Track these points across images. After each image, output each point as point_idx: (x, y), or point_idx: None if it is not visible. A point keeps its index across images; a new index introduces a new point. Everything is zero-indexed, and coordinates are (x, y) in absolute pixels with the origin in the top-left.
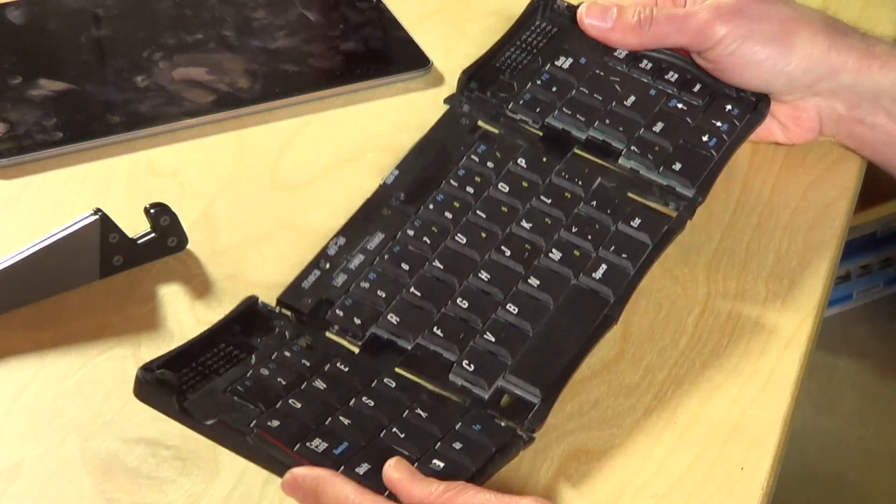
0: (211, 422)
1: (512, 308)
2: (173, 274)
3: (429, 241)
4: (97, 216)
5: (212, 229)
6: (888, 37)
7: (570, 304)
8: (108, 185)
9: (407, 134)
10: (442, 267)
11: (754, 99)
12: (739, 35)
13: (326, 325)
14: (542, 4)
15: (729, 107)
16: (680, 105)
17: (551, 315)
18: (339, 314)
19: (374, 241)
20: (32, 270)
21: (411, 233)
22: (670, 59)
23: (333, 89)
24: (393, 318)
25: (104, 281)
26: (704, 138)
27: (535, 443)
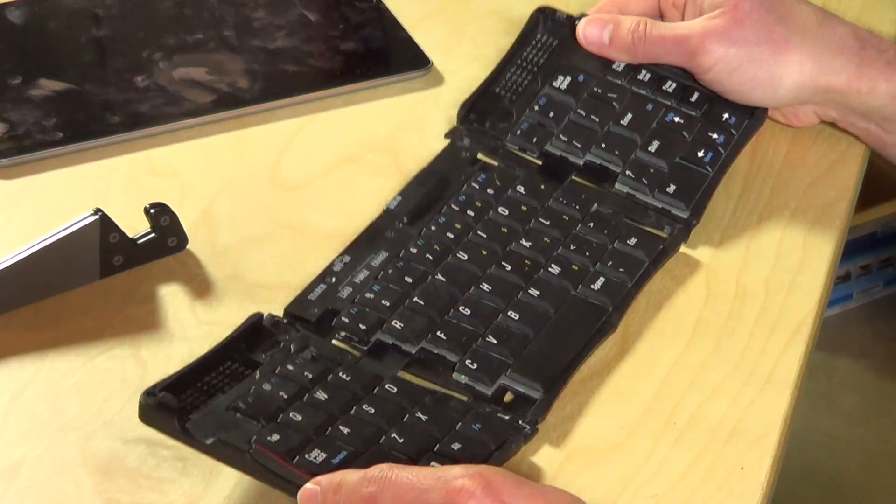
0: (210, 440)
1: (513, 315)
2: (173, 274)
3: (431, 258)
4: (97, 216)
5: (212, 229)
6: (888, 37)
7: (570, 312)
8: (108, 185)
9: (407, 134)
10: (445, 280)
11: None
12: (728, 66)
13: (332, 333)
14: (543, 17)
15: (726, 115)
16: (677, 118)
17: (552, 321)
18: (344, 321)
19: (379, 259)
20: (32, 270)
21: (414, 251)
22: (668, 70)
23: (333, 89)
24: (397, 324)
25: (104, 281)
26: (700, 153)
27: (535, 443)
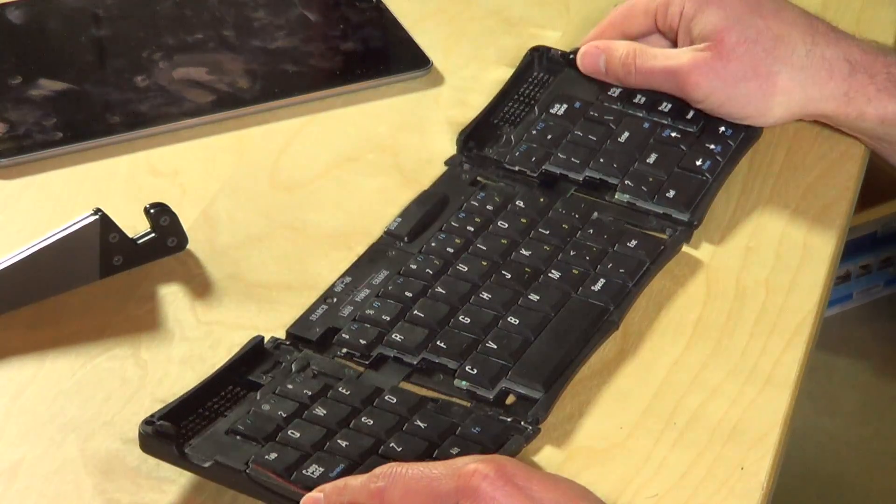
0: (208, 463)
1: (513, 320)
2: (173, 274)
3: (431, 272)
4: (97, 216)
5: (212, 229)
6: (888, 36)
7: (570, 313)
8: (108, 185)
9: (407, 134)
10: (444, 292)
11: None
12: (717, 99)
13: (334, 350)
14: (538, 55)
15: (723, 128)
16: (674, 134)
17: (552, 323)
18: (345, 337)
19: (379, 278)
20: (32, 270)
21: (414, 266)
22: (663, 93)
23: (333, 89)
24: (398, 337)
25: (104, 281)
26: (698, 162)
27: (536, 443)
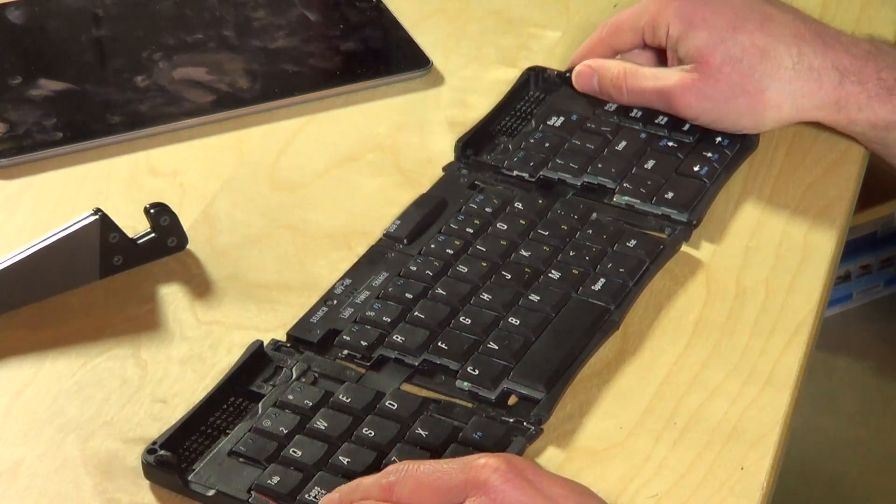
0: (211, 492)
1: (514, 320)
2: (173, 274)
3: (431, 274)
4: (97, 216)
5: (212, 229)
6: (888, 36)
7: (571, 313)
8: (108, 185)
9: (407, 134)
10: (445, 293)
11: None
12: (709, 117)
13: (335, 352)
14: (534, 75)
15: (719, 139)
16: (671, 143)
17: (553, 323)
18: (346, 339)
19: (379, 280)
20: (32, 270)
21: (414, 268)
22: None
23: (333, 89)
24: (399, 338)
25: (104, 281)
26: (696, 168)
27: (536, 443)
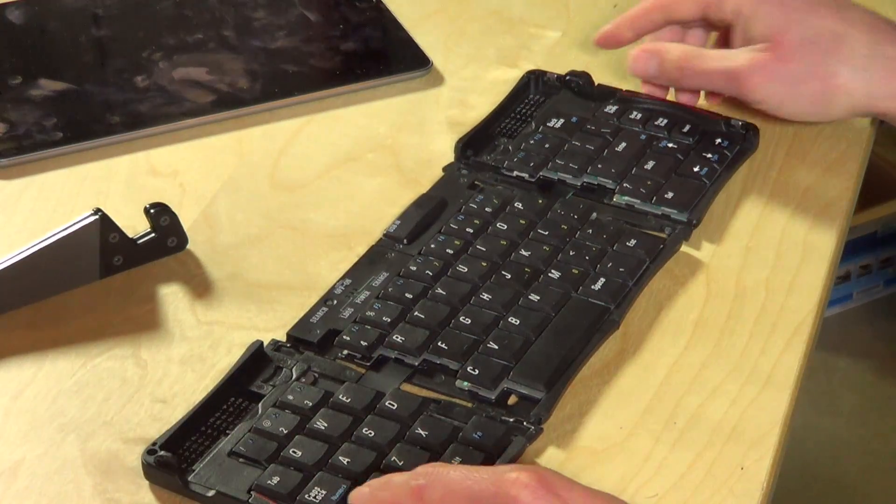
0: (211, 493)
1: (514, 320)
2: (173, 274)
3: (431, 274)
4: (97, 216)
5: (212, 229)
6: None
7: (571, 313)
8: (108, 185)
9: (407, 134)
10: (445, 293)
11: (743, 131)
12: (777, 101)
13: (335, 352)
14: (534, 78)
15: (719, 140)
16: (671, 145)
17: (553, 322)
18: (346, 339)
19: (379, 280)
20: (32, 270)
21: (414, 268)
22: (659, 108)
23: (333, 89)
24: (399, 338)
25: (104, 281)
26: (696, 168)
27: (536, 444)
